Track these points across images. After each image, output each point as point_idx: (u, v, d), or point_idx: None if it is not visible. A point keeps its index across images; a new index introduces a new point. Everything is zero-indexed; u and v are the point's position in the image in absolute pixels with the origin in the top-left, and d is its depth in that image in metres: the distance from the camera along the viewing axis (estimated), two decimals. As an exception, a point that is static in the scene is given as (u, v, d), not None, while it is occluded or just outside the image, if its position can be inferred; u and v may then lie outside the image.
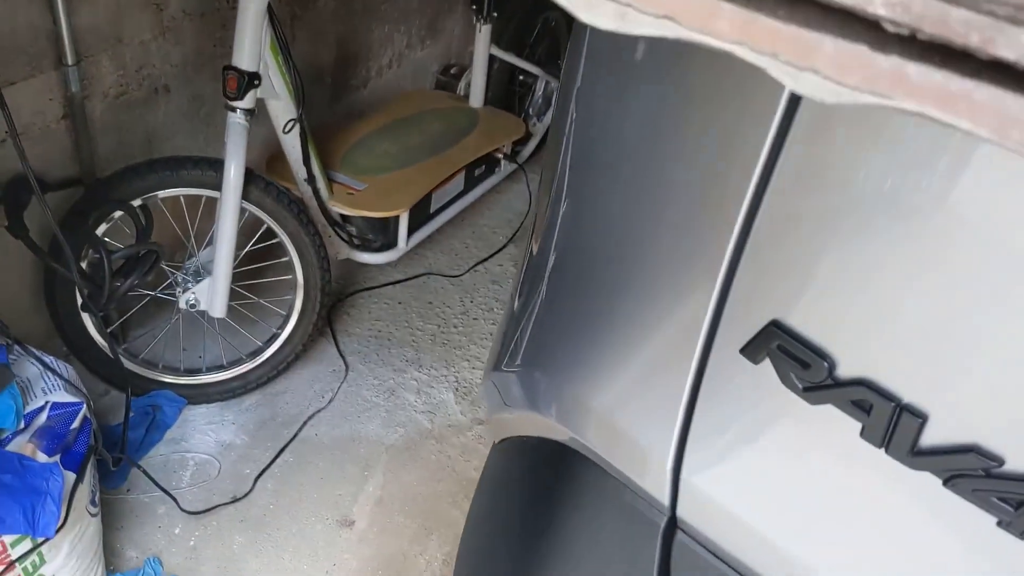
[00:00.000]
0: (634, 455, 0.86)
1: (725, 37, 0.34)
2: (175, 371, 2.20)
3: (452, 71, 3.26)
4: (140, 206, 1.97)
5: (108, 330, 2.09)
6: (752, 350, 0.74)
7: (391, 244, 2.54)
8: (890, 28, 0.31)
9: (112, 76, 2.01)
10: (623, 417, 0.87)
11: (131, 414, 1.97)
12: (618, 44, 0.92)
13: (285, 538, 1.96)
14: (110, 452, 1.82)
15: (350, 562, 1.94)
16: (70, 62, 1.85)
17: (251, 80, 1.92)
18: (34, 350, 1.66)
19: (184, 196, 2.04)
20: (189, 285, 2.06)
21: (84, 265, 1.96)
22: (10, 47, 1.76)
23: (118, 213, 1.96)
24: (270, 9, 1.91)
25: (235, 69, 1.91)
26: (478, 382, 2.43)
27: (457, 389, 2.40)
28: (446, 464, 2.19)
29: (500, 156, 2.94)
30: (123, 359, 2.10)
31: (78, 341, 2.06)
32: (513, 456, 1.12)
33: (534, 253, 1.16)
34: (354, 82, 2.89)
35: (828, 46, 0.32)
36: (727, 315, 0.78)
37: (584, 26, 1.10)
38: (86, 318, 2.02)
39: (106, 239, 1.99)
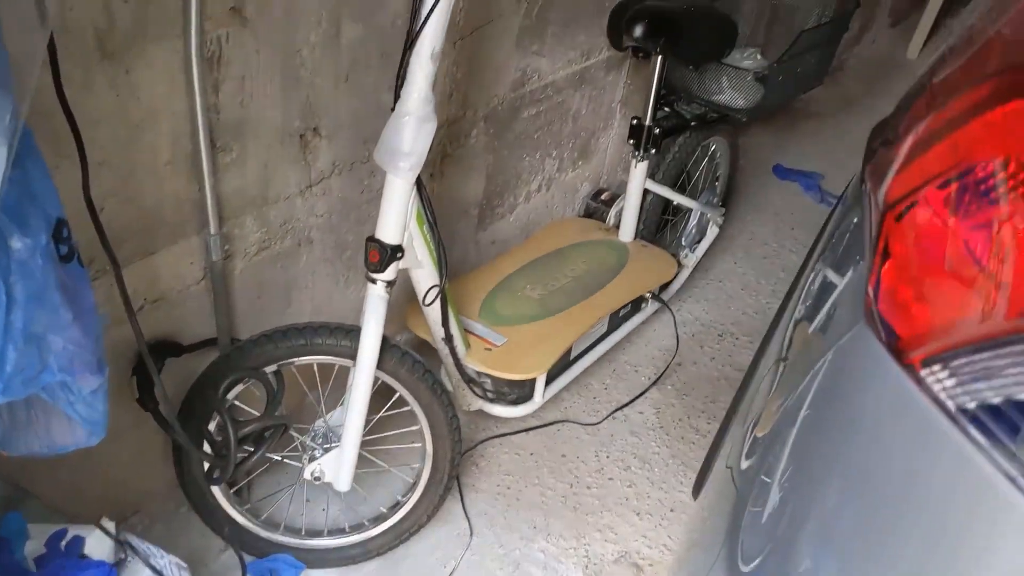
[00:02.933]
0: None
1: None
2: (296, 533, 2.11)
3: (603, 197, 3.11)
4: (273, 372, 1.90)
5: (232, 490, 2.02)
6: None
7: (527, 397, 2.40)
8: None
9: (255, 235, 1.95)
10: None
11: (247, 587, 1.89)
12: None
13: None
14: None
15: None
16: (212, 231, 1.80)
17: (394, 253, 1.82)
18: (151, 549, 1.58)
19: (317, 363, 1.96)
20: (316, 454, 1.97)
21: (212, 427, 1.90)
22: (154, 220, 1.72)
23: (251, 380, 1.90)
24: (418, 181, 1.81)
25: (378, 242, 1.82)
26: (609, 558, 2.24)
27: (587, 567, 2.22)
28: (570, 661, 2.02)
29: (647, 295, 2.76)
30: (245, 519, 2.04)
31: (201, 502, 1.99)
32: None
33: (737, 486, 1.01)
34: (500, 210, 2.78)
35: None
36: None
37: None
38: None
39: (236, 402, 1.93)
